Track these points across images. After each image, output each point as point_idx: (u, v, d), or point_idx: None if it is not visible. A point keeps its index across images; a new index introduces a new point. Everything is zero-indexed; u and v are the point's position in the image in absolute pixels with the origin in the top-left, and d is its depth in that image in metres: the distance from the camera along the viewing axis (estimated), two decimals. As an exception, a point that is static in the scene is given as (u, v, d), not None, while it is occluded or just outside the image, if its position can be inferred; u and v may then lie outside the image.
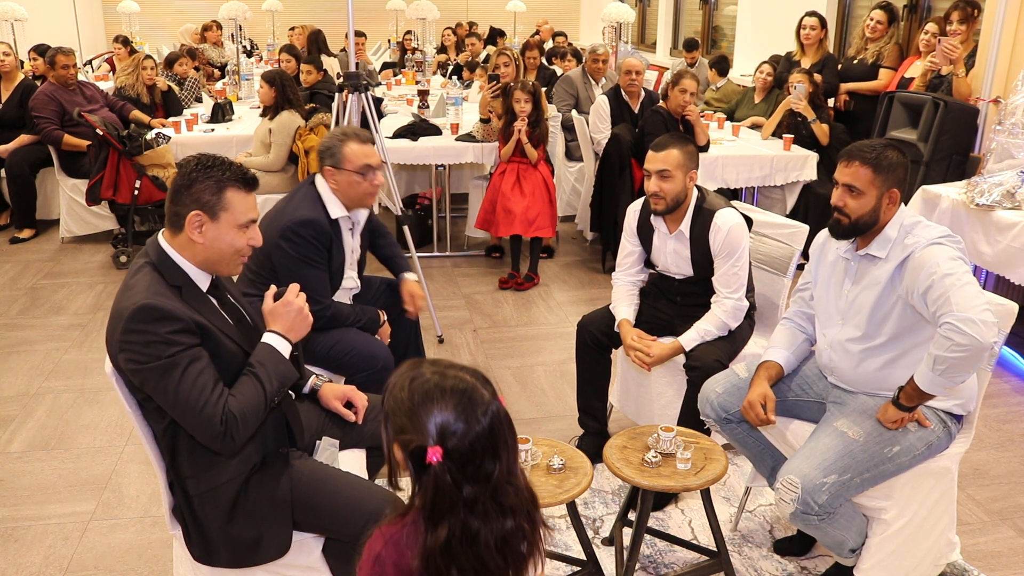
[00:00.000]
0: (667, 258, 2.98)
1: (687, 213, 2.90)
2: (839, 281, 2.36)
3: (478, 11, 13.05)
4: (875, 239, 2.26)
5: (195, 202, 1.87)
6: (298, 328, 2.01)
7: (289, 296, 2.01)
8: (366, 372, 2.82)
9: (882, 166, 2.20)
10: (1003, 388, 3.75)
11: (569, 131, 5.87)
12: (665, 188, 2.82)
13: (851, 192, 2.23)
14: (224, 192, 1.89)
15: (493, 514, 1.24)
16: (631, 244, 3.09)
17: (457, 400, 1.23)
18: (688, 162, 2.83)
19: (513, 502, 1.27)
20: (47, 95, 5.48)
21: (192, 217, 1.87)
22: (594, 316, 3.09)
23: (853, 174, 2.22)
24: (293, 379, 1.99)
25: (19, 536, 2.68)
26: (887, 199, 2.22)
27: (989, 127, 4.31)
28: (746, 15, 8.27)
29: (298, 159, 5.09)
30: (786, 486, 2.12)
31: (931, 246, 2.13)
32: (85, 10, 11.69)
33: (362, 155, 2.70)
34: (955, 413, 2.29)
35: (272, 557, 1.97)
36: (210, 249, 1.91)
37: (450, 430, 1.21)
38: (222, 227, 1.90)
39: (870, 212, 2.22)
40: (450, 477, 1.21)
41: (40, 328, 4.34)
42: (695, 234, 2.88)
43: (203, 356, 1.83)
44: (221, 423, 1.80)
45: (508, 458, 1.26)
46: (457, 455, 1.22)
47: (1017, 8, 4.23)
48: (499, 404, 1.27)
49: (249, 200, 1.94)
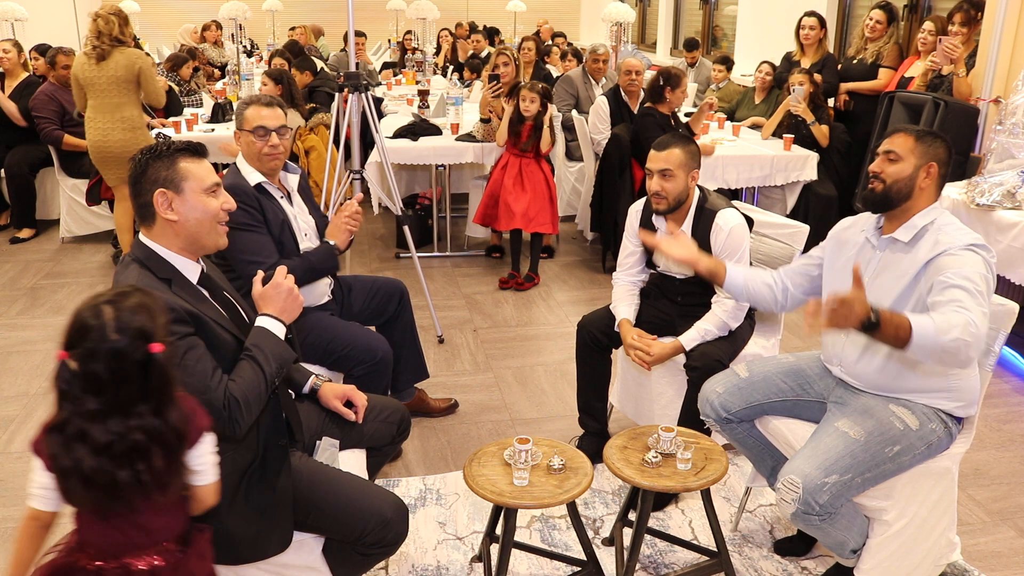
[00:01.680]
0: (668, 259, 2.98)
1: (689, 213, 2.90)
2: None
3: (478, 11, 13.05)
4: (903, 224, 2.24)
5: (154, 183, 1.88)
6: (290, 309, 2.01)
7: (278, 278, 2.02)
8: (365, 365, 2.82)
9: (924, 139, 2.21)
10: (1003, 388, 3.75)
11: (569, 131, 5.87)
12: (667, 187, 2.82)
13: (889, 157, 2.23)
14: (177, 164, 1.90)
15: (112, 426, 1.49)
16: (632, 244, 3.10)
17: (77, 326, 1.49)
18: (690, 161, 2.83)
19: (138, 430, 1.50)
20: (47, 95, 5.48)
21: (157, 198, 1.88)
22: (594, 316, 3.09)
23: (894, 141, 2.24)
24: (291, 359, 1.99)
25: (19, 536, 2.68)
26: (924, 172, 2.21)
27: (989, 127, 4.31)
28: (746, 15, 8.28)
29: (298, 159, 5.09)
30: (787, 486, 2.12)
31: (967, 252, 2.10)
32: (85, 10, 11.69)
33: (258, 117, 2.74)
34: (956, 415, 2.28)
35: (274, 552, 1.97)
36: (187, 223, 1.91)
37: (78, 345, 1.48)
38: (189, 197, 1.90)
39: (906, 180, 2.21)
40: (67, 383, 1.49)
41: (40, 328, 4.34)
42: (697, 234, 2.87)
43: (199, 344, 1.83)
44: (224, 407, 1.80)
45: (124, 394, 1.50)
46: (78, 368, 1.48)
47: (1017, 8, 4.23)
48: (119, 346, 1.48)
49: (204, 166, 1.95)
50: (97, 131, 4.67)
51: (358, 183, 4.17)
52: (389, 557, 2.34)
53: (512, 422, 3.44)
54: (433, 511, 2.82)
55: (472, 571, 2.55)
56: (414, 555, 2.60)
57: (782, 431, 2.43)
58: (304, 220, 2.91)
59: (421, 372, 3.34)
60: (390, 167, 4.26)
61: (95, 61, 4.56)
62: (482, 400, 3.62)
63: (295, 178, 2.92)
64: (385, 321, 3.22)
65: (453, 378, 3.82)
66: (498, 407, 3.56)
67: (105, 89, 4.61)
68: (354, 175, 4.15)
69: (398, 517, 2.03)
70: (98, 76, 4.59)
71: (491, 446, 2.33)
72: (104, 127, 4.65)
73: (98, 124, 4.66)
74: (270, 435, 2.00)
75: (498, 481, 2.17)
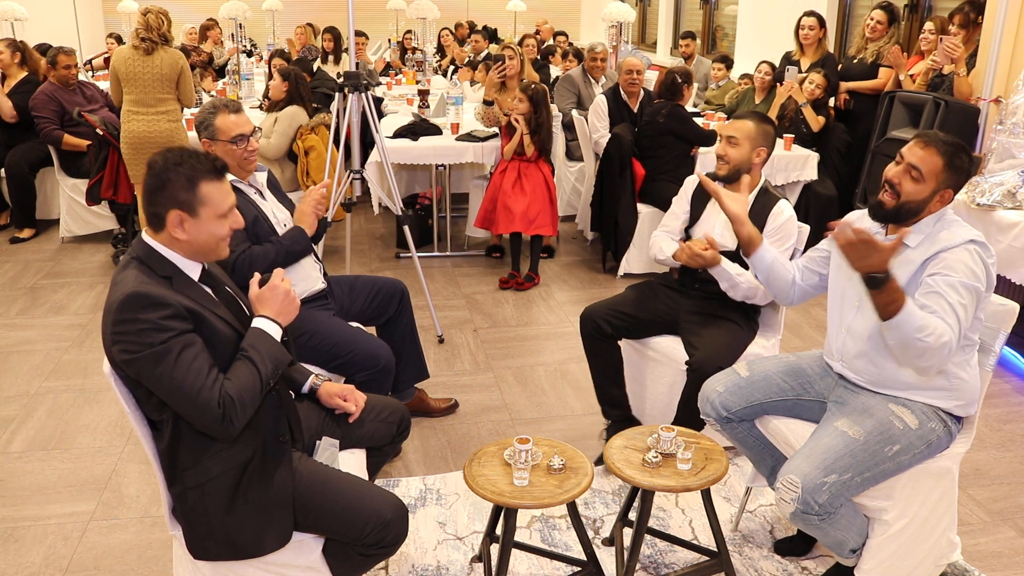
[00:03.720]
0: (714, 228, 3.04)
1: (753, 192, 2.96)
2: None
3: (478, 11, 13.05)
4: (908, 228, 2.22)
5: (171, 201, 1.87)
6: (286, 311, 2.01)
7: (274, 280, 2.02)
8: (367, 371, 2.82)
9: (954, 164, 2.16)
10: (1004, 388, 3.75)
11: (569, 131, 5.87)
12: (730, 153, 2.91)
13: (912, 174, 2.17)
14: (198, 186, 1.88)
15: None
16: (680, 210, 3.17)
17: None
18: (759, 138, 2.91)
19: None
20: (47, 95, 5.48)
21: (172, 217, 1.88)
22: (597, 306, 3.11)
23: (924, 159, 2.16)
24: (286, 362, 1.99)
25: (19, 536, 2.68)
26: (939, 197, 2.19)
27: (990, 127, 4.31)
28: (746, 15, 8.27)
29: (298, 159, 5.09)
30: (786, 486, 2.12)
31: (963, 251, 2.10)
32: (85, 10, 11.69)
33: (233, 126, 2.78)
34: (956, 414, 2.28)
35: (272, 549, 1.97)
36: (194, 243, 1.92)
37: None
38: (203, 221, 1.90)
39: (919, 202, 2.18)
40: None
41: (40, 328, 4.34)
42: (755, 210, 2.92)
43: (196, 342, 1.83)
44: (219, 406, 1.79)
45: None
46: None
47: (1017, 8, 4.23)
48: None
49: (224, 188, 1.94)
50: (141, 122, 4.81)
51: (358, 183, 4.17)
52: (389, 557, 2.33)
53: (512, 422, 3.44)
54: (433, 511, 2.81)
55: (472, 571, 2.55)
56: (414, 555, 2.60)
57: (782, 431, 2.43)
58: (280, 213, 2.97)
59: (421, 372, 3.34)
60: (390, 167, 4.25)
61: (142, 54, 4.76)
62: (482, 400, 3.62)
63: (263, 175, 2.98)
64: (385, 321, 3.22)
65: (453, 378, 3.82)
66: (498, 407, 3.56)
67: (149, 83, 4.79)
68: (354, 175, 4.15)
69: (398, 518, 2.03)
70: (143, 70, 4.78)
71: (491, 446, 2.33)
72: (148, 119, 4.82)
73: (141, 116, 4.81)
74: (270, 432, 2.00)
75: (498, 481, 2.17)
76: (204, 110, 2.85)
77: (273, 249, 2.81)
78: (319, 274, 3.05)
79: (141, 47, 4.75)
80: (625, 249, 4.99)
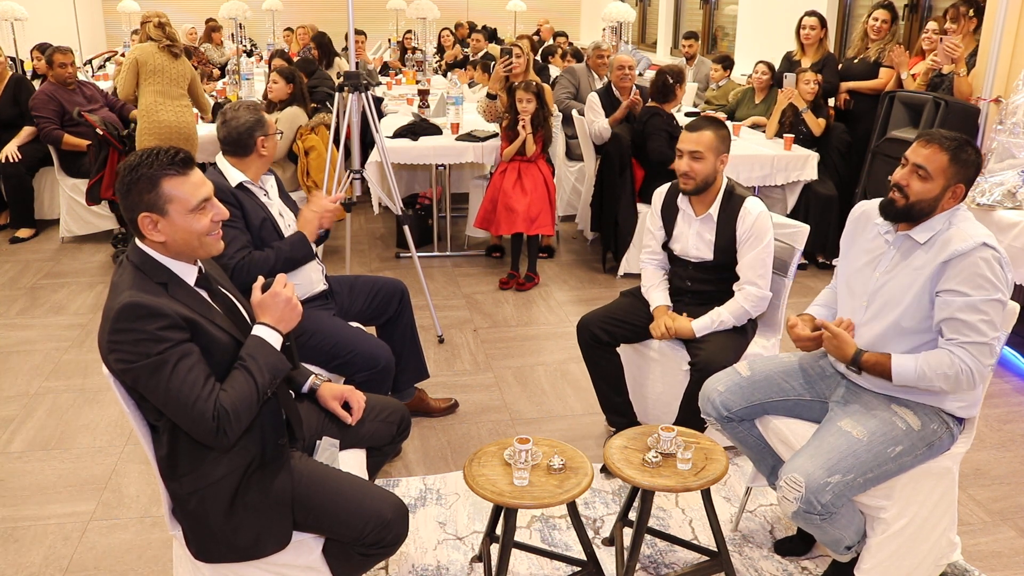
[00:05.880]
0: (688, 240, 3.02)
1: (717, 197, 2.94)
2: (872, 263, 2.32)
3: (478, 11, 13.05)
4: (919, 225, 2.22)
5: (138, 205, 1.84)
6: (288, 318, 1.99)
7: (276, 287, 1.99)
8: (367, 371, 2.82)
9: (959, 158, 2.16)
10: (1004, 388, 3.75)
11: (569, 127, 5.87)
12: (696, 168, 2.88)
13: (919, 173, 2.17)
14: (160, 185, 1.83)
15: None
16: (654, 227, 3.16)
17: None
18: (720, 145, 2.90)
19: None
20: (47, 94, 5.48)
21: (143, 220, 1.84)
22: (592, 316, 3.10)
23: (928, 157, 2.16)
24: (285, 370, 1.97)
25: (19, 536, 2.68)
26: (951, 193, 2.18)
27: (990, 127, 4.31)
28: (747, 15, 8.27)
29: (298, 159, 5.09)
30: (790, 484, 2.12)
31: (978, 258, 2.09)
32: (85, 10, 11.69)
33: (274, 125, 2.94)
34: (958, 415, 2.28)
35: (271, 550, 1.97)
36: (175, 242, 1.88)
37: None
38: (175, 219, 1.85)
39: (930, 200, 2.18)
40: None
41: (40, 328, 4.34)
42: (723, 217, 2.92)
43: (193, 352, 1.81)
44: (213, 419, 1.79)
45: None
46: None
47: (1018, 8, 4.22)
48: None
49: (191, 180, 1.87)
50: (171, 112, 5.04)
51: (358, 183, 4.17)
52: (389, 557, 2.33)
53: (512, 422, 3.44)
54: (433, 511, 2.81)
55: (472, 571, 2.55)
56: (414, 555, 2.60)
57: (782, 431, 2.43)
58: (286, 213, 2.99)
59: (421, 372, 3.34)
60: (390, 167, 4.25)
61: (170, 56, 5.06)
62: (482, 400, 3.62)
63: (271, 178, 3.00)
64: (385, 321, 3.22)
65: (453, 378, 3.82)
66: (498, 407, 3.56)
67: (175, 80, 5.09)
68: (354, 175, 4.15)
69: (398, 518, 2.03)
70: (172, 67, 5.07)
71: (491, 446, 2.33)
72: (176, 109, 5.08)
73: (169, 107, 5.05)
74: (270, 434, 2.00)
75: (498, 481, 2.17)
76: (253, 105, 2.92)
77: (273, 255, 2.80)
78: (320, 275, 3.06)
79: (167, 52, 5.05)
80: (625, 249, 4.99)
